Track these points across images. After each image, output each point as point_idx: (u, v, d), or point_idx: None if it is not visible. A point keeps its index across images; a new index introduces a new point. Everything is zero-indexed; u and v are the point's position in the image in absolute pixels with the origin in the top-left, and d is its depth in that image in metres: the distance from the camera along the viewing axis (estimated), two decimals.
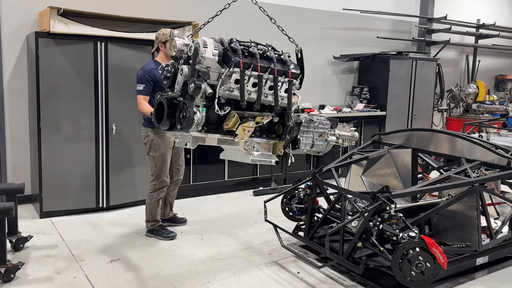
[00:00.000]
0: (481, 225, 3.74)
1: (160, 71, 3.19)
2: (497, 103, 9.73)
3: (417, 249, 3.19)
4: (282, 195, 4.55)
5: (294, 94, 3.22)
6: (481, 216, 3.74)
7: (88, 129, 5.21)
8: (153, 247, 4.40)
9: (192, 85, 2.83)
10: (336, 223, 4.06)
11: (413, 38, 9.19)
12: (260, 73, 3.00)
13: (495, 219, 4.31)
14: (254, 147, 3.20)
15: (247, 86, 3.01)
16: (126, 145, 5.45)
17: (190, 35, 3.24)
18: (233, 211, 5.63)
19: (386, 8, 8.52)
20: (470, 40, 10.23)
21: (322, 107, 7.63)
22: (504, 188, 5.09)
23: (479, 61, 10.31)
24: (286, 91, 3.16)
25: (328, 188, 4.19)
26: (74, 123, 5.15)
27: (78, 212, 5.24)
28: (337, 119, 3.61)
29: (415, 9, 9.27)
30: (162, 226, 4.71)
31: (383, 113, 7.98)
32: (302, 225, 4.31)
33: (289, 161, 3.28)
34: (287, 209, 4.56)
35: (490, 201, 4.42)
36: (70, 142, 5.15)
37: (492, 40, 10.31)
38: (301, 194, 4.42)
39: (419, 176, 4.96)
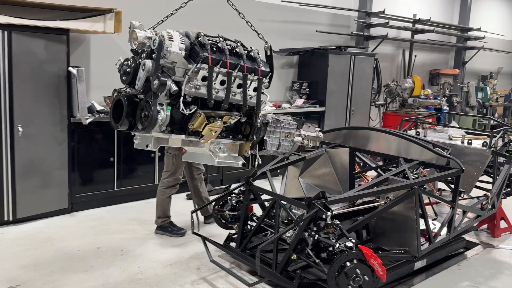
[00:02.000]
0: (420, 227, 3.59)
1: (117, 66, 2.91)
2: (431, 97, 9.91)
3: (355, 261, 2.95)
4: (214, 202, 4.18)
5: (262, 93, 3.06)
6: (420, 218, 3.58)
7: None
8: (65, 270, 3.82)
9: (156, 81, 2.60)
10: (271, 232, 3.76)
11: (351, 32, 9.12)
12: (229, 70, 2.83)
13: (433, 219, 4.20)
14: (220, 148, 3.02)
15: (214, 83, 2.82)
16: (35, 149, 4.83)
17: (152, 28, 2.95)
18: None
19: (325, 2, 8.35)
20: (407, 35, 10.34)
21: None
22: (441, 185, 5.05)
23: (415, 56, 10.45)
24: (255, 89, 3.00)
25: (263, 193, 3.88)
26: None
27: None
28: (303, 119, 3.45)
29: (354, 3, 9.19)
30: (172, 223, 4.63)
31: (322, 108, 7.82)
32: (235, 234, 3.96)
33: (256, 163, 3.13)
34: (219, 216, 4.20)
35: (428, 201, 4.31)
36: None
37: (427, 35, 10.48)
38: (234, 201, 4.07)
39: (357, 175, 4.80)
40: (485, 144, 4.51)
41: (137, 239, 4.53)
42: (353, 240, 3.09)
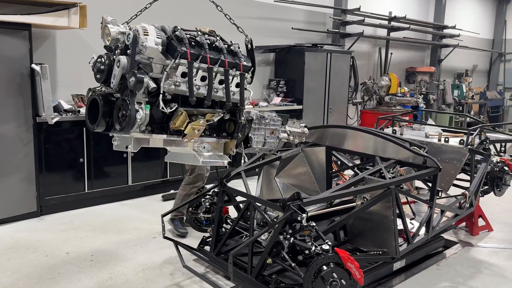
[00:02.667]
0: (398, 227, 3.52)
1: (91, 64, 2.74)
2: (408, 95, 9.94)
3: (331, 265, 2.84)
4: (188, 204, 4.02)
5: (245, 89, 2.96)
6: (397, 218, 3.51)
7: None
8: (30, 278, 3.62)
9: (133, 78, 2.45)
10: (246, 235, 3.63)
11: (327, 30, 9.06)
12: (210, 65, 2.70)
13: (411, 219, 4.14)
14: (204, 147, 2.90)
15: (195, 80, 2.69)
16: None
17: (126, 23, 2.79)
18: (135, 221, 4.99)
19: None
20: (383, 32, 10.35)
21: None
22: (419, 183, 5.01)
23: (391, 53, 10.47)
24: (237, 85, 2.89)
25: (238, 195, 3.74)
26: None
27: None
28: (287, 114, 3.34)
29: (329, 0, 9.13)
30: (182, 220, 4.58)
31: (300, 107, 7.74)
32: (209, 237, 3.82)
33: (242, 161, 3.04)
34: (193, 219, 4.04)
35: (405, 200, 4.25)
36: None
37: (403, 33, 10.51)
38: (207, 203, 3.92)
39: (334, 174, 4.71)
40: (462, 142, 4.47)
41: (108, 243, 4.34)
42: (330, 243, 2.97)
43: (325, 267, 2.82)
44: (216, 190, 3.89)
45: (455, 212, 4.13)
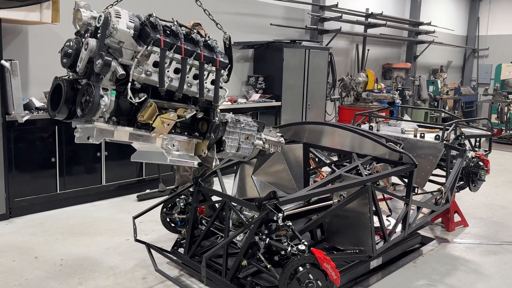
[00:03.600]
0: (375, 225, 3.49)
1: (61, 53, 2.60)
2: (384, 91, 10.00)
3: (307, 266, 2.79)
4: (162, 204, 3.92)
5: (221, 87, 2.84)
6: (374, 216, 3.48)
7: None
8: None
9: (100, 60, 2.33)
10: (221, 236, 3.55)
11: (306, 26, 9.02)
12: (184, 57, 2.58)
13: (387, 216, 4.13)
14: (174, 145, 2.76)
15: (168, 71, 2.58)
16: None
17: (111, 5, 2.65)
18: (108, 223, 4.84)
19: None
20: (360, 29, 10.38)
21: None
22: (395, 179, 5.01)
23: (368, 50, 10.51)
24: (212, 82, 2.77)
25: (213, 194, 3.66)
26: None
27: None
28: (264, 122, 3.22)
29: None
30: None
31: (279, 103, 7.69)
32: (184, 239, 3.73)
33: (214, 164, 2.83)
34: (168, 220, 3.95)
35: (381, 197, 4.24)
36: None
37: (379, 29, 10.56)
38: (182, 204, 3.83)
39: (312, 171, 4.67)
40: (437, 137, 4.48)
41: (79, 246, 4.20)
42: (306, 243, 2.93)
43: (301, 268, 2.77)
44: (191, 189, 3.80)
45: (431, 208, 4.14)
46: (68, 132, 5.14)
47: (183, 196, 3.90)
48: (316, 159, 4.75)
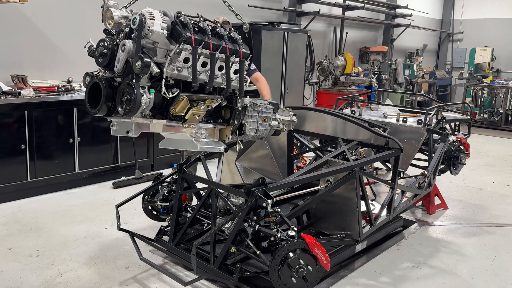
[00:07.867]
0: (361, 209, 3.49)
1: (87, 49, 2.71)
2: (362, 75, 10.02)
3: (298, 251, 2.76)
4: (143, 192, 3.81)
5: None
6: (361, 200, 3.48)
7: None
8: None
9: (139, 62, 2.44)
10: (207, 223, 3.49)
11: (284, 8, 8.90)
12: (212, 52, 2.72)
13: (372, 200, 4.14)
14: (202, 133, 2.91)
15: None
16: None
17: (124, 7, 2.71)
18: (84, 211, 4.68)
19: None
20: (338, 12, 10.32)
21: None
22: (377, 163, 5.03)
23: (346, 33, 10.48)
24: (235, 72, 2.92)
25: (198, 181, 3.58)
26: None
27: None
28: (278, 103, 3.31)
29: None
30: None
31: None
32: (168, 226, 3.64)
33: (237, 147, 3.03)
34: (149, 207, 3.85)
35: (366, 181, 4.24)
36: None
37: (357, 12, 10.53)
38: (165, 191, 3.73)
39: (295, 157, 4.64)
40: (420, 121, 4.51)
41: (56, 236, 4.05)
42: (295, 229, 2.90)
43: (291, 254, 2.75)
44: (175, 176, 3.70)
45: (415, 192, 4.18)
46: (39, 117, 4.93)
47: (166, 184, 3.80)
48: (298, 144, 4.72)
